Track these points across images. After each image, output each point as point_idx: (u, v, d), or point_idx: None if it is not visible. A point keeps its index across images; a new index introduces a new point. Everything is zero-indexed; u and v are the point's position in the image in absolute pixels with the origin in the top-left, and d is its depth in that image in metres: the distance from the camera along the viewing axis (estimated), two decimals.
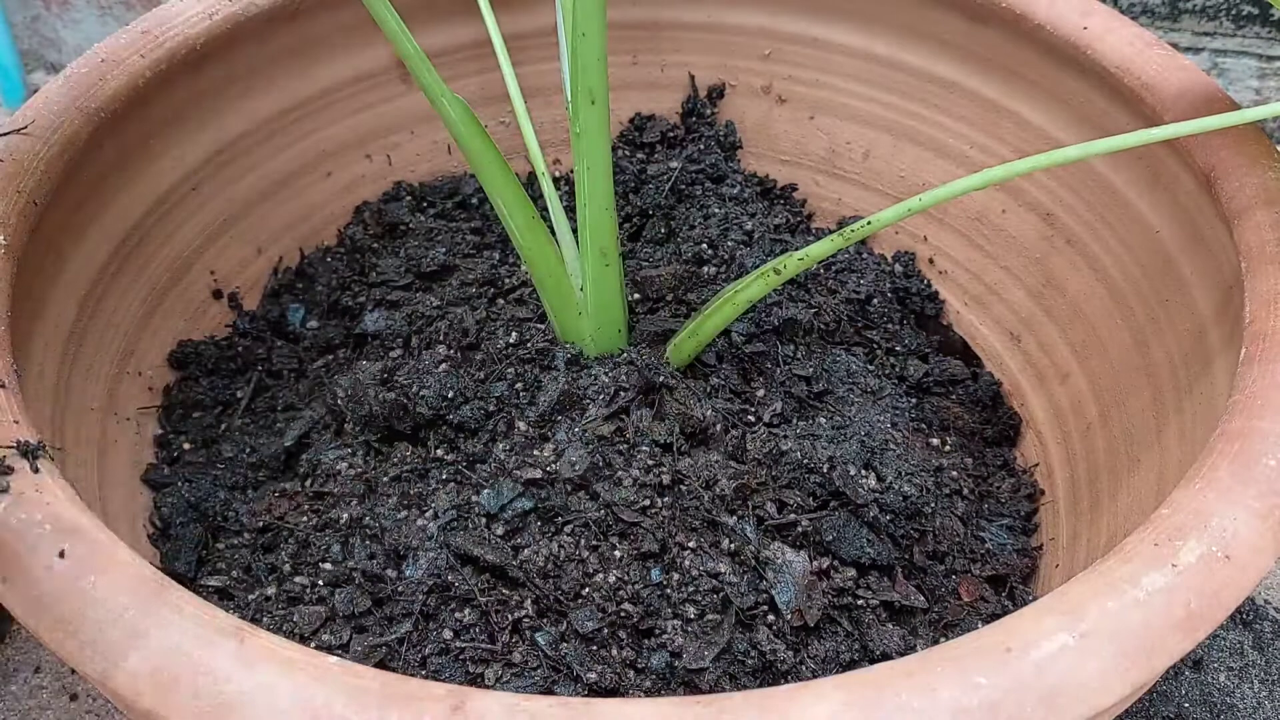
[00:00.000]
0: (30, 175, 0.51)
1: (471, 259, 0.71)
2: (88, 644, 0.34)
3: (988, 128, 0.68)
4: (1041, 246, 0.67)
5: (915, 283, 0.73)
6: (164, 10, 0.62)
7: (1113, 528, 0.54)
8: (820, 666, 0.49)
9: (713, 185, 0.76)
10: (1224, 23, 0.91)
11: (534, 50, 0.76)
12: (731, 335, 0.63)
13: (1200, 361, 0.52)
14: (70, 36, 1.24)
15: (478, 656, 0.48)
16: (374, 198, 0.76)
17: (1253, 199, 0.49)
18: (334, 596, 0.51)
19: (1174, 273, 0.56)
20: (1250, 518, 0.36)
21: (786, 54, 0.75)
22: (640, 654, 0.48)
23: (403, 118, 0.75)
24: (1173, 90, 0.56)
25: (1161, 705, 0.68)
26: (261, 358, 0.67)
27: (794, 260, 0.54)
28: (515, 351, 0.61)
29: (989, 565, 0.57)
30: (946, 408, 0.66)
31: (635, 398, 0.56)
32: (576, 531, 0.51)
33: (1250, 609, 0.74)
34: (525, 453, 0.54)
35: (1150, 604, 0.34)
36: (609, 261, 0.57)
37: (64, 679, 0.72)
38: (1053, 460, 0.64)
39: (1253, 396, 0.41)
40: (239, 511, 0.57)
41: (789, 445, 0.55)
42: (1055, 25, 0.61)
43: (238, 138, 0.67)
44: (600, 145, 0.53)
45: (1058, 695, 0.31)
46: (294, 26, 0.67)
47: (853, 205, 0.78)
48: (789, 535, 0.53)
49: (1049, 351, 0.67)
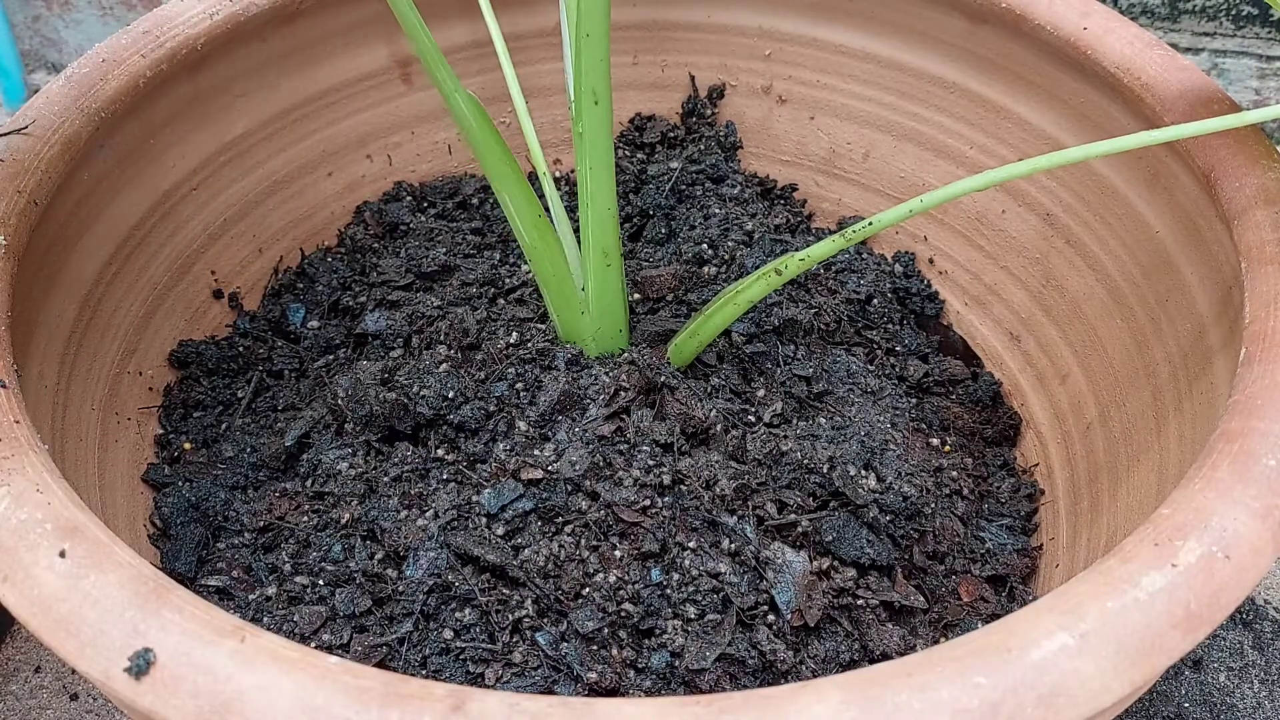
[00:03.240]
0: (31, 175, 0.51)
1: (472, 259, 0.71)
2: (88, 644, 0.34)
3: (988, 128, 0.69)
4: (1041, 246, 0.67)
5: (915, 283, 0.73)
6: (165, 10, 0.62)
7: (1113, 528, 0.54)
8: (820, 666, 0.49)
9: (713, 185, 0.76)
10: (1224, 23, 0.91)
11: (533, 51, 0.76)
12: (732, 335, 0.63)
13: (1200, 361, 0.52)
14: (71, 36, 1.24)
15: (478, 656, 0.48)
16: (374, 198, 0.76)
17: (1252, 199, 0.49)
18: (334, 596, 0.51)
19: (1173, 273, 0.56)
20: (1250, 518, 0.36)
21: (787, 54, 0.75)
22: (640, 654, 0.48)
23: (403, 118, 0.75)
24: (1173, 91, 0.56)
25: (1161, 705, 0.69)
26: (262, 358, 0.67)
27: (795, 261, 0.54)
28: (516, 351, 0.61)
29: (989, 565, 0.57)
30: (946, 408, 0.66)
31: (636, 398, 0.56)
32: (577, 531, 0.51)
33: (1250, 609, 0.74)
34: (526, 453, 0.54)
35: (1150, 604, 0.34)
36: (611, 261, 0.57)
37: (64, 679, 0.72)
38: (1053, 460, 0.64)
39: (1252, 397, 0.41)
40: (239, 511, 0.57)
41: (789, 445, 0.55)
42: (1055, 26, 0.61)
43: (238, 138, 0.67)
44: (603, 146, 0.53)
45: (1058, 695, 0.31)
46: (294, 27, 0.67)
47: (853, 205, 0.78)
48: (789, 535, 0.53)
49: (1049, 351, 0.67)
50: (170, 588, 0.35)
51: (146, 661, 0.33)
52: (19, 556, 0.36)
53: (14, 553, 0.36)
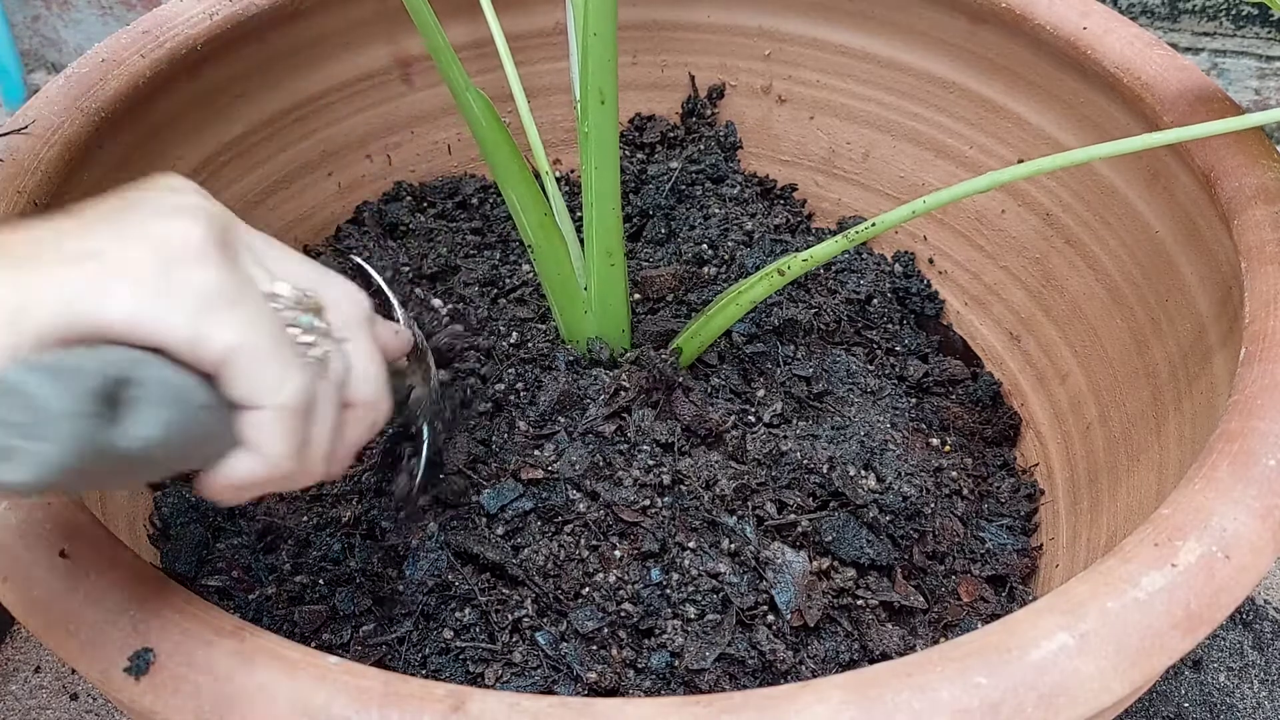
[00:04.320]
0: (30, 175, 0.51)
1: (472, 259, 0.71)
2: (88, 644, 0.34)
3: (987, 128, 0.68)
4: (1041, 246, 0.67)
5: (915, 283, 0.73)
6: (164, 10, 0.62)
7: (1113, 527, 0.54)
8: (820, 666, 0.49)
9: (713, 185, 0.76)
10: (1224, 23, 0.91)
11: (532, 51, 0.76)
12: (732, 335, 0.63)
13: (1199, 360, 0.52)
14: (71, 36, 1.24)
15: (478, 656, 0.48)
16: (374, 198, 0.76)
17: (1252, 198, 0.49)
18: (334, 596, 0.51)
19: (1173, 272, 0.56)
20: (1250, 518, 0.36)
21: (787, 54, 0.75)
22: (640, 654, 0.48)
23: (403, 118, 0.75)
24: (1172, 90, 0.56)
25: (1161, 705, 0.69)
26: None
27: (798, 262, 0.54)
28: (516, 351, 0.61)
29: (989, 565, 0.57)
30: (946, 408, 0.66)
31: (636, 397, 0.56)
32: (577, 531, 0.51)
33: (1250, 609, 0.74)
34: (526, 453, 0.54)
35: (1150, 604, 0.34)
36: (614, 261, 0.57)
37: (64, 679, 0.72)
38: (1053, 460, 0.64)
39: (1252, 397, 0.41)
40: (239, 511, 0.57)
41: (789, 445, 0.55)
42: (1055, 26, 0.61)
43: (238, 138, 0.67)
44: (609, 145, 0.53)
45: (1058, 695, 0.31)
46: (294, 27, 0.67)
47: (853, 205, 0.78)
48: (789, 535, 0.53)
49: (1049, 351, 0.67)
50: (170, 588, 0.35)
51: (146, 662, 0.33)
52: (19, 556, 0.36)
53: (14, 553, 0.36)
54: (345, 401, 0.36)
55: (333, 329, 0.36)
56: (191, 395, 0.30)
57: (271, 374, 0.31)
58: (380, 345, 0.39)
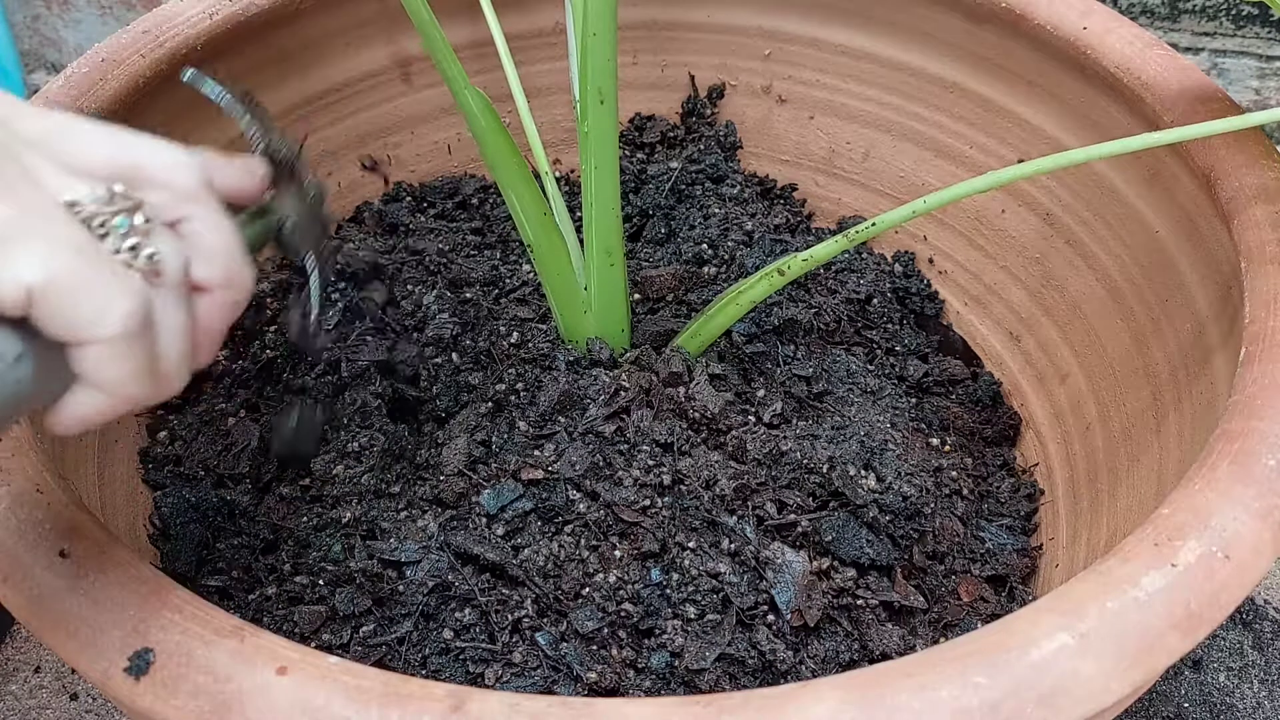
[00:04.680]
0: None
1: (473, 259, 0.71)
2: (88, 644, 0.34)
3: (987, 128, 0.69)
4: (1041, 246, 0.67)
5: (915, 283, 0.73)
6: (165, 10, 0.62)
7: (1112, 527, 0.54)
8: (820, 666, 0.49)
9: (713, 185, 0.76)
10: (1224, 23, 0.91)
11: (531, 51, 0.76)
12: (732, 335, 0.63)
13: (1199, 360, 0.52)
14: (71, 36, 1.24)
15: (478, 656, 0.48)
16: (374, 198, 0.76)
17: (1252, 198, 0.49)
18: (334, 596, 0.51)
19: (1173, 272, 0.56)
20: (1250, 518, 0.36)
21: (786, 54, 0.75)
22: (640, 654, 0.48)
23: (403, 118, 0.75)
24: (1172, 90, 0.56)
25: (1161, 705, 0.69)
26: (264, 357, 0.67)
27: (798, 261, 0.54)
28: (517, 352, 0.61)
29: (989, 565, 0.57)
30: (946, 408, 0.66)
31: (636, 397, 0.56)
32: (577, 531, 0.51)
33: (1250, 609, 0.74)
34: (526, 453, 0.54)
35: (1150, 604, 0.34)
36: (614, 261, 0.57)
37: (64, 679, 0.72)
38: (1052, 460, 0.64)
39: (1252, 397, 0.41)
40: (240, 512, 0.57)
41: (789, 445, 0.55)
42: (1055, 25, 0.61)
43: (238, 138, 0.67)
44: (608, 145, 0.53)
45: (1058, 695, 0.31)
46: (294, 27, 0.67)
47: (853, 205, 0.78)
48: (789, 535, 0.53)
49: (1049, 351, 0.67)
50: (170, 588, 0.35)
51: (146, 662, 0.33)
52: (19, 556, 0.36)
53: (14, 553, 0.36)
54: (196, 286, 0.32)
55: (162, 212, 0.32)
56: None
57: (89, 305, 0.28)
58: (234, 192, 0.35)
